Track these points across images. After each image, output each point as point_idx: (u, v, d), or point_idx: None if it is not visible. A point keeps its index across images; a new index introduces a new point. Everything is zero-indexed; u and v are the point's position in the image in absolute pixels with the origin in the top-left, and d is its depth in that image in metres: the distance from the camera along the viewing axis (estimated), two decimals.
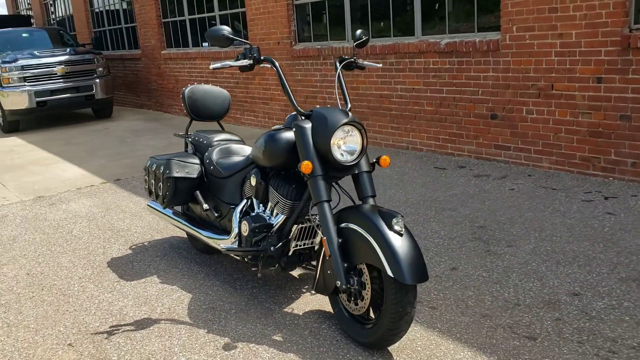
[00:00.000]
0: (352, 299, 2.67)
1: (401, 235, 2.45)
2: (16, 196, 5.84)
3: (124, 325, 3.01)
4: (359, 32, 3.25)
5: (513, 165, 5.43)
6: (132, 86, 12.14)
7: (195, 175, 3.60)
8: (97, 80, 10.27)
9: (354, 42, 3.20)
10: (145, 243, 4.23)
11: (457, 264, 3.45)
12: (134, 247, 4.17)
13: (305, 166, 2.64)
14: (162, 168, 3.60)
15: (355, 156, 2.73)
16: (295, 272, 3.50)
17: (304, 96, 7.71)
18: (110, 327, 3.01)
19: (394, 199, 4.76)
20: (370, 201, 2.78)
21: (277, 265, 3.06)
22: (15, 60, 9.69)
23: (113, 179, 6.19)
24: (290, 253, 3.04)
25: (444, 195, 4.71)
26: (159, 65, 10.93)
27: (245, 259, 3.14)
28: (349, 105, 3.00)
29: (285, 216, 2.96)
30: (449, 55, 5.75)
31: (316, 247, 2.99)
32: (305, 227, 2.98)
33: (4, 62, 9.71)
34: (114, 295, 3.38)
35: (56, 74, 9.88)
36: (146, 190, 3.87)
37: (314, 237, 3.04)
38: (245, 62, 2.89)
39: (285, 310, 3.06)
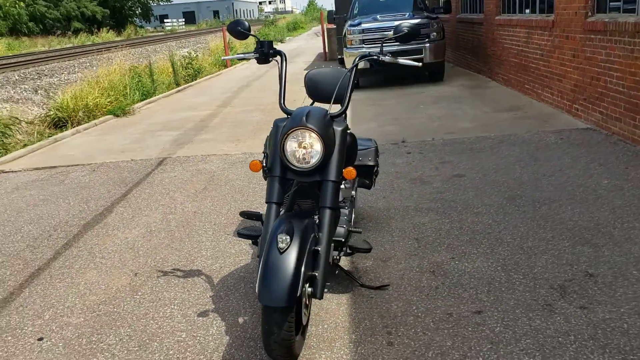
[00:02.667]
0: None
1: (281, 253, 2.37)
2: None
3: (183, 270, 3.65)
4: (403, 24, 2.96)
5: None
6: (475, 51, 12.17)
7: None
8: (428, 45, 10.71)
9: (393, 34, 2.94)
10: None
11: (488, 309, 2.90)
12: None
13: (253, 165, 2.72)
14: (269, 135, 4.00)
15: (312, 162, 2.65)
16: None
17: (589, 77, 6.66)
18: (173, 269, 3.69)
19: (567, 217, 4.01)
20: (326, 212, 2.68)
21: None
22: (359, 24, 10.91)
23: None
24: None
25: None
26: (493, 31, 10.69)
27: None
28: (344, 107, 2.85)
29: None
30: None
31: None
32: None
33: (350, 26, 11.05)
34: (209, 244, 4.03)
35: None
36: None
37: None
38: (251, 55, 3.04)
39: None
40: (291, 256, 2.37)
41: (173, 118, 9.59)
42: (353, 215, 3.41)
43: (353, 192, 3.75)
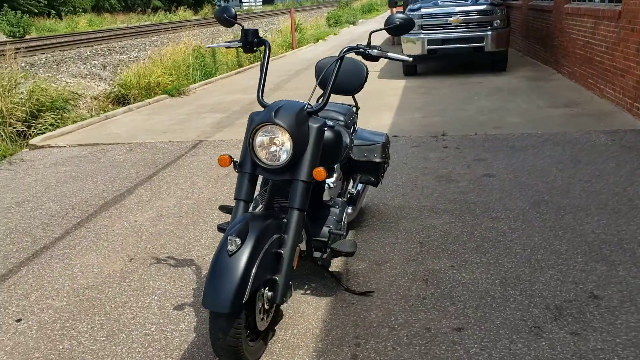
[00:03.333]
0: None
1: (230, 255, 2.26)
2: None
3: (176, 259, 3.62)
4: (396, 15, 2.76)
5: None
6: (544, 40, 11.52)
7: None
8: (489, 33, 10.21)
9: (385, 27, 2.75)
10: None
11: (470, 326, 2.69)
12: None
13: (222, 160, 2.62)
14: None
15: (282, 160, 2.53)
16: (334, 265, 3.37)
17: None
18: (167, 257, 3.67)
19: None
20: (294, 214, 2.54)
21: None
22: (418, 9, 10.54)
23: (392, 135, 6.49)
24: None
25: None
26: (561, 20, 10.06)
27: None
28: (324, 101, 2.69)
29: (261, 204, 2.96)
30: None
31: None
32: None
33: (410, 10, 10.70)
34: (211, 233, 3.99)
35: (450, 24, 10.30)
36: None
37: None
38: (235, 43, 2.93)
39: None
40: (240, 260, 2.26)
41: (223, 100, 9.63)
42: (345, 215, 3.24)
43: (352, 190, 3.58)
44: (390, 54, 2.79)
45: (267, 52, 2.93)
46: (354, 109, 3.86)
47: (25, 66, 13.49)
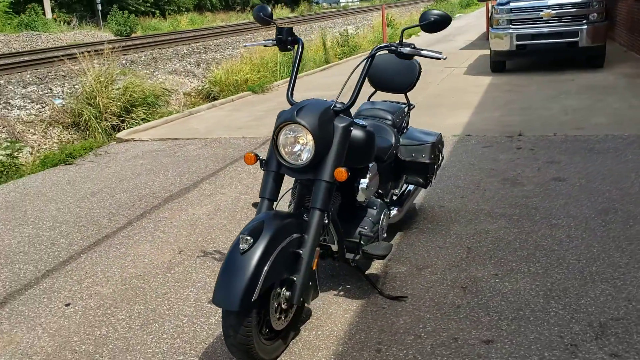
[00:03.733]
0: None
1: (241, 254, 2.28)
2: None
3: (222, 253, 3.70)
4: (432, 11, 2.66)
5: None
6: None
7: None
8: (585, 27, 9.61)
9: (419, 23, 2.67)
10: None
11: (501, 339, 2.55)
12: None
13: (247, 158, 2.65)
14: None
15: (304, 159, 2.52)
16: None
17: None
18: (214, 250, 3.76)
19: None
20: (315, 214, 2.53)
21: None
22: (507, 3, 10.11)
23: (466, 134, 6.28)
24: None
25: None
26: None
27: None
28: (350, 101, 2.65)
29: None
30: None
31: None
32: None
33: (498, 4, 10.27)
34: None
35: (541, 18, 9.80)
36: None
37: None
38: (270, 42, 2.94)
39: None
40: (251, 258, 2.26)
41: (302, 97, 9.65)
42: (384, 217, 3.17)
43: (396, 191, 3.50)
44: (424, 52, 2.69)
45: (300, 50, 2.92)
46: (406, 108, 3.76)
47: (126, 63, 14.31)
